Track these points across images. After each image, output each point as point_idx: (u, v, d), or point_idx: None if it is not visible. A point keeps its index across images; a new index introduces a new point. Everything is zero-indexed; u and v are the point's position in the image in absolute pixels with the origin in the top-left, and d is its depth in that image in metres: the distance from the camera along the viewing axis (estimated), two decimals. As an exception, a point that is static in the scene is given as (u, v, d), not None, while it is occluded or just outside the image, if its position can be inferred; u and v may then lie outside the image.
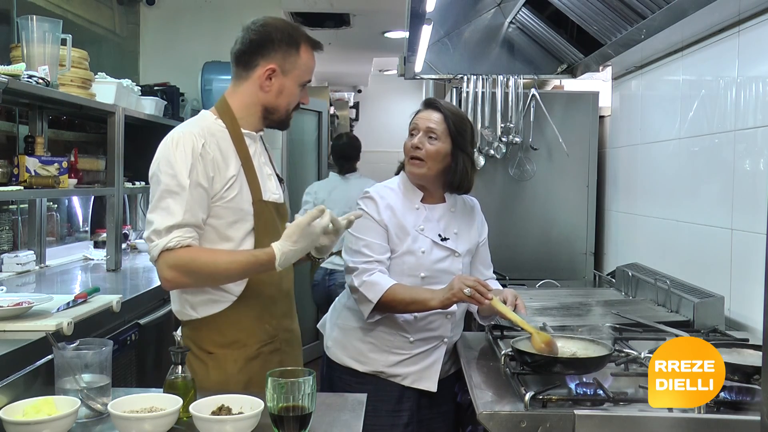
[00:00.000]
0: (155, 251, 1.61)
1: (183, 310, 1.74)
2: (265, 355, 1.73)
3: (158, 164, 1.65)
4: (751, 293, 2.01)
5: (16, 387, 1.61)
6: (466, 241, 2.08)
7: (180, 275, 1.62)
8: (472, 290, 1.81)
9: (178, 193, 1.62)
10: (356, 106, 7.96)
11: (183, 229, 1.61)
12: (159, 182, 1.64)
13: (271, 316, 1.76)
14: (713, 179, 2.26)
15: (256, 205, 1.71)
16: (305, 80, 1.78)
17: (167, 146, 1.65)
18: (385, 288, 1.90)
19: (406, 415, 2.01)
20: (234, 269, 1.65)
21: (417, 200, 2.05)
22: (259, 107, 1.76)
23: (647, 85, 2.85)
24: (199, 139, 1.65)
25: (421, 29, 2.71)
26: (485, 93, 3.33)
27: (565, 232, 3.36)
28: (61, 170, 2.75)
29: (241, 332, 1.71)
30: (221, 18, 4.48)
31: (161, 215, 1.62)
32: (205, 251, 1.66)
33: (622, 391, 1.52)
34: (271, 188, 1.78)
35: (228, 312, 1.71)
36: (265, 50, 1.72)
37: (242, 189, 1.70)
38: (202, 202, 1.64)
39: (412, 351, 2.01)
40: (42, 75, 2.55)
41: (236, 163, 1.70)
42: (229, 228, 1.69)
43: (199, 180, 1.63)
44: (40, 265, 3.16)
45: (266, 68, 1.72)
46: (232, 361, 1.69)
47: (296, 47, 1.74)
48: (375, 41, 5.69)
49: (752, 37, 2.04)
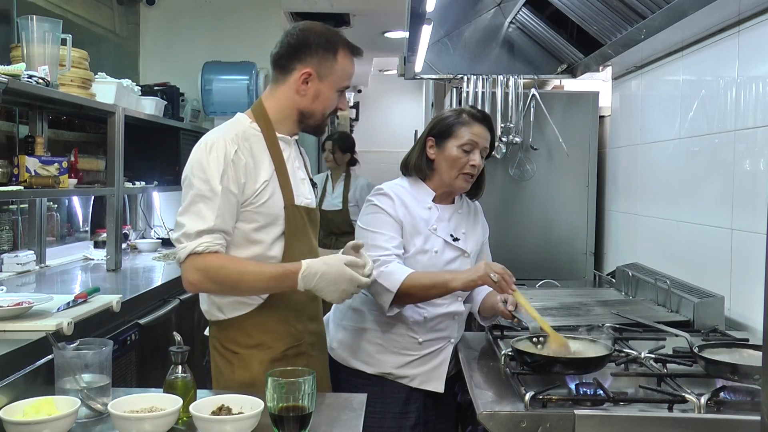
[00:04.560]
0: (183, 253, 1.62)
1: (210, 310, 1.75)
2: (290, 358, 1.73)
3: (191, 168, 1.66)
4: (751, 293, 2.01)
5: (16, 387, 1.61)
6: (473, 241, 2.09)
7: (205, 280, 1.63)
8: (499, 277, 1.79)
9: (210, 198, 1.62)
10: (356, 106, 7.97)
11: (213, 234, 1.62)
12: (192, 186, 1.64)
13: (297, 320, 1.76)
14: (713, 179, 2.26)
15: (288, 210, 1.71)
16: (343, 86, 1.77)
17: (201, 150, 1.66)
18: (404, 276, 1.86)
19: (413, 417, 2.01)
20: (260, 280, 1.65)
21: (428, 200, 2.04)
22: (295, 111, 1.76)
23: (647, 85, 2.85)
24: (232, 144, 1.65)
25: (421, 29, 2.71)
26: (485, 93, 3.33)
27: (565, 232, 3.36)
28: (61, 170, 2.75)
29: (267, 335, 1.72)
30: (221, 18, 4.49)
31: (193, 219, 1.62)
32: (234, 260, 1.67)
33: (622, 391, 1.52)
34: (303, 192, 1.78)
35: (254, 314, 1.71)
36: (302, 54, 1.72)
37: (274, 193, 1.70)
38: (232, 209, 1.65)
39: (420, 352, 2.00)
40: (42, 75, 2.55)
41: (269, 168, 1.70)
42: (258, 232, 1.70)
43: (230, 187, 1.64)
44: (40, 265, 3.16)
45: (302, 72, 1.71)
46: (257, 362, 1.70)
47: (333, 52, 1.73)
48: (375, 41, 5.70)
49: (752, 37, 2.04)
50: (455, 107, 2.13)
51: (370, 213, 2.00)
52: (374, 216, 1.98)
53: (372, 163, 7.94)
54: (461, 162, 1.98)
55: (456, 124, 2.00)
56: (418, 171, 2.05)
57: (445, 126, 2.01)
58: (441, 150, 2.01)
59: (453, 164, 1.99)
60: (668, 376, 1.57)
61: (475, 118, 2.01)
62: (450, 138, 2.00)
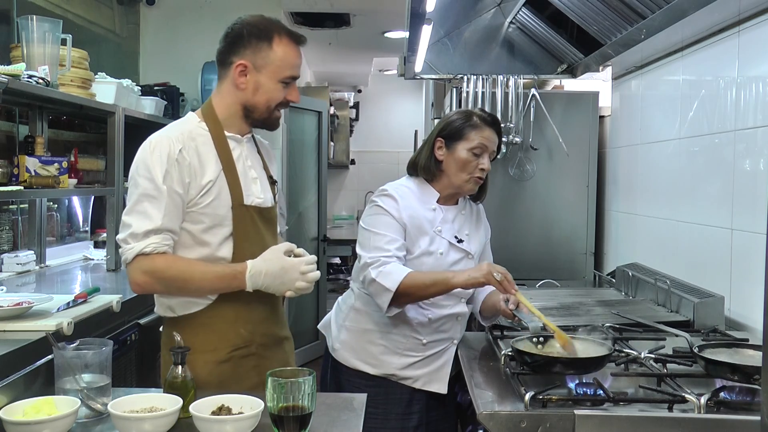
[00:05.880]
0: (130, 254, 1.61)
1: (160, 309, 1.76)
2: (237, 359, 1.71)
3: (137, 167, 1.65)
4: (751, 293, 2.01)
5: (16, 387, 1.61)
6: (476, 242, 2.09)
7: (152, 281, 1.63)
8: (503, 277, 1.80)
9: (156, 198, 1.61)
10: (356, 106, 7.96)
11: (160, 235, 1.61)
12: (137, 185, 1.63)
13: (246, 321, 1.72)
14: (713, 179, 2.26)
15: (236, 210, 1.69)
16: (285, 76, 1.71)
17: (145, 150, 1.65)
18: (403, 275, 1.85)
19: (416, 418, 2.01)
20: (207, 281, 1.65)
21: (433, 201, 2.04)
22: (239, 107, 1.73)
23: (647, 85, 2.85)
24: (176, 144, 1.64)
25: (421, 29, 2.70)
26: (485, 93, 3.33)
27: (565, 232, 3.36)
28: (61, 170, 2.75)
29: (213, 334, 1.69)
30: (221, 18, 4.43)
31: (139, 219, 1.61)
32: (181, 260, 1.66)
33: (622, 391, 1.52)
34: (255, 192, 1.74)
35: (202, 313, 1.70)
36: (236, 47, 1.70)
37: (221, 193, 1.68)
38: (178, 209, 1.64)
39: (424, 353, 2.00)
40: (42, 75, 2.55)
41: (216, 167, 1.68)
42: (205, 233, 1.68)
43: (174, 186, 1.62)
44: (40, 265, 3.16)
45: (237, 64, 1.69)
46: (202, 364, 1.65)
47: (268, 41, 1.69)
48: (375, 41, 5.69)
49: (752, 37, 2.04)
50: (464, 109, 2.10)
51: (373, 214, 2.00)
52: (377, 217, 1.98)
53: (372, 163, 7.94)
54: (471, 165, 1.99)
55: (466, 127, 2.00)
56: (426, 172, 2.05)
57: (455, 128, 2.01)
58: (450, 152, 2.01)
59: (463, 167, 1.99)
60: (668, 376, 1.57)
61: (485, 122, 2.01)
62: (460, 141, 2.00)
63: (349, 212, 7.94)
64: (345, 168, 7.83)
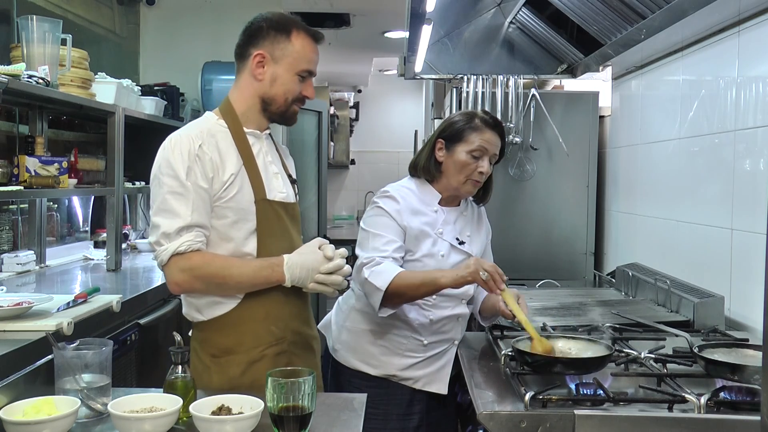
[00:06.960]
0: (165, 255, 1.60)
1: (190, 312, 1.74)
2: (270, 358, 1.70)
3: (159, 167, 1.65)
4: (751, 293, 2.01)
5: (16, 387, 1.61)
6: (477, 244, 2.09)
7: (191, 279, 1.62)
8: (489, 275, 1.76)
9: (182, 194, 1.61)
10: (356, 106, 7.95)
11: (193, 231, 1.61)
12: (161, 184, 1.63)
13: (277, 318, 1.72)
14: (713, 179, 2.26)
15: (259, 204, 1.69)
16: (301, 69, 1.73)
17: (165, 149, 1.65)
18: (394, 274, 1.83)
19: (417, 418, 2.01)
20: (246, 275, 1.65)
21: (434, 203, 2.03)
22: (257, 99, 1.74)
23: (647, 85, 2.85)
24: (195, 140, 1.64)
25: (421, 29, 2.70)
26: (485, 93, 3.33)
27: (565, 232, 3.36)
28: (61, 170, 2.75)
29: (245, 334, 1.69)
30: (221, 18, 4.48)
31: (168, 217, 1.61)
32: (218, 257, 1.66)
33: (622, 391, 1.52)
34: (277, 187, 1.75)
35: (233, 313, 1.69)
36: (254, 39, 1.72)
37: (243, 187, 1.68)
38: (205, 203, 1.64)
39: (425, 354, 2.00)
40: (42, 75, 2.55)
41: (237, 162, 1.68)
42: (230, 228, 1.68)
43: (198, 182, 1.62)
44: (40, 265, 3.16)
45: (255, 54, 1.71)
46: (235, 365, 1.68)
47: (286, 34, 1.72)
48: (375, 41, 5.69)
49: (752, 37, 2.04)
50: (468, 111, 2.08)
51: (373, 215, 2.00)
52: (376, 218, 1.98)
53: (372, 163, 7.94)
54: (469, 168, 1.98)
55: (467, 129, 1.98)
56: (426, 173, 2.04)
57: (456, 130, 2.00)
58: (450, 153, 2.00)
59: (461, 169, 1.98)
60: (668, 376, 1.57)
61: (487, 124, 1.99)
62: (460, 142, 1.98)
63: (349, 212, 7.94)
64: (345, 168, 7.82)
